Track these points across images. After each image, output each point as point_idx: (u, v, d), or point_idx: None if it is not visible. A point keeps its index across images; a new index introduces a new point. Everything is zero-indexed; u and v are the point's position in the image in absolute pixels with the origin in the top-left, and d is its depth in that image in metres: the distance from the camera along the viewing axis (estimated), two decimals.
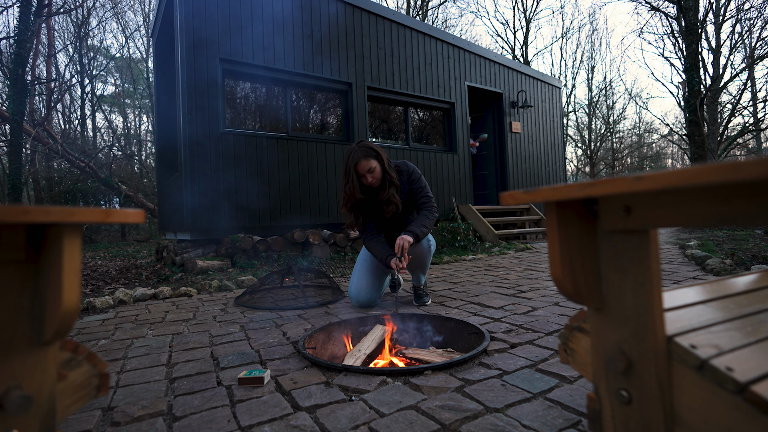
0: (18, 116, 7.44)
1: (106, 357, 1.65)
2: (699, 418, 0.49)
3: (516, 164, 8.29)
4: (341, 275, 3.77)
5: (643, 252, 0.54)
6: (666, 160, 28.08)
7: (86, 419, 1.09)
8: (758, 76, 16.45)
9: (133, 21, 25.33)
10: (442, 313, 2.11)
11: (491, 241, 6.13)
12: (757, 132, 16.60)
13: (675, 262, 3.55)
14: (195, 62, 4.41)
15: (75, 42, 16.04)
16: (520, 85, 8.46)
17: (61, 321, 0.52)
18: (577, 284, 0.60)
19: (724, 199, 0.44)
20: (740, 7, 13.63)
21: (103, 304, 2.72)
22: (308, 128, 5.70)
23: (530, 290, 2.64)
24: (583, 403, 1.05)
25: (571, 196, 0.54)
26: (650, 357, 0.54)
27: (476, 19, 46.72)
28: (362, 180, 2.24)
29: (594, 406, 0.66)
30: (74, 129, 17.25)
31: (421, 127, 7.09)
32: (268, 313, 2.34)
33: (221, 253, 4.46)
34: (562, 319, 1.91)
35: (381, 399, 1.13)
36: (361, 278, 2.38)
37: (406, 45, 6.45)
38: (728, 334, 0.56)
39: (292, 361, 1.49)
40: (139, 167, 17.46)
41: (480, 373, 1.29)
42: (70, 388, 0.61)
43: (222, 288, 3.26)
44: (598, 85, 25.39)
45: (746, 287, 0.79)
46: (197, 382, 1.32)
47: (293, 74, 5.18)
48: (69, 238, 0.52)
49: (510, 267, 3.84)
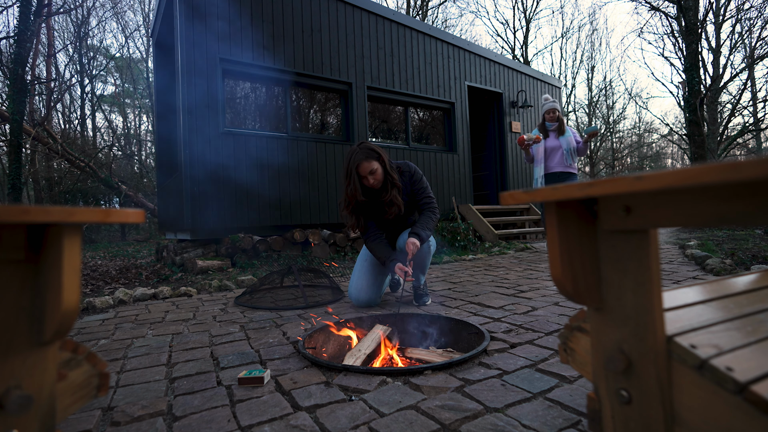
0: (18, 116, 7.44)
1: (106, 357, 1.65)
2: (699, 418, 0.49)
3: (516, 164, 8.29)
4: (341, 275, 3.77)
5: (643, 252, 0.54)
6: (666, 160, 28.09)
7: (86, 419, 1.09)
8: (758, 76, 16.47)
9: (133, 21, 25.34)
10: (442, 313, 2.11)
11: (491, 241, 6.13)
12: (757, 132, 16.60)
13: (675, 262, 3.55)
14: (195, 62, 4.41)
15: (75, 42, 16.05)
16: (520, 84, 8.46)
17: (61, 321, 0.52)
18: (577, 284, 0.60)
19: (724, 199, 0.44)
20: (740, 7, 13.63)
21: (103, 304, 2.72)
22: (308, 128, 5.70)
23: (530, 290, 2.64)
24: (583, 403, 1.05)
25: (571, 196, 0.54)
26: (650, 357, 0.54)
27: (476, 19, 46.75)
28: (364, 182, 2.23)
29: (594, 406, 0.66)
30: (74, 129, 17.25)
31: (421, 127, 7.09)
32: (268, 313, 2.34)
33: (221, 253, 4.46)
34: (562, 319, 1.91)
35: (381, 399, 1.13)
36: (361, 278, 2.38)
37: (406, 45, 6.45)
38: (728, 334, 0.56)
39: (292, 360, 1.49)
40: (139, 167, 17.47)
41: (480, 373, 1.29)
42: (70, 388, 0.61)
43: (222, 288, 3.26)
44: (598, 84, 25.36)
45: (746, 287, 0.79)
46: (197, 382, 1.32)
47: (293, 74, 5.18)
48: (69, 238, 0.52)
49: (510, 267, 3.84)
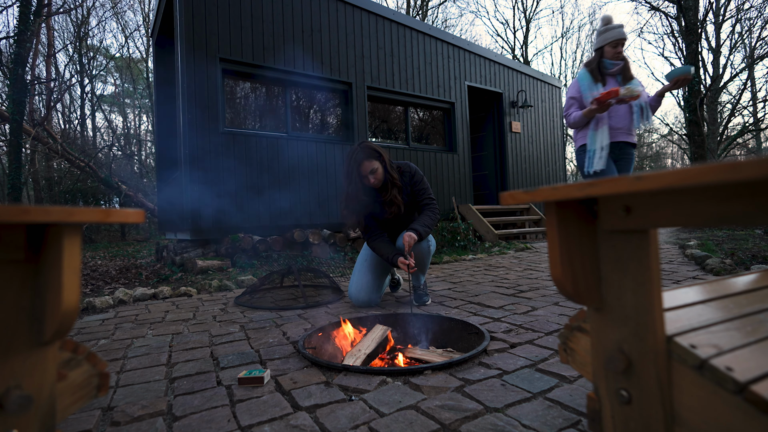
0: (18, 116, 7.44)
1: (105, 357, 1.65)
2: (699, 418, 0.49)
3: (516, 164, 8.29)
4: (341, 275, 3.77)
5: (643, 252, 0.54)
6: (666, 159, 28.08)
7: (86, 419, 1.09)
8: (758, 76, 16.48)
9: (132, 21, 25.37)
10: (442, 312, 2.11)
11: (491, 240, 6.13)
12: (757, 132, 16.59)
13: (675, 261, 3.55)
14: (195, 62, 4.41)
15: (75, 42, 16.05)
16: (520, 84, 8.46)
17: (61, 321, 0.52)
18: (577, 284, 0.60)
19: (724, 199, 0.44)
20: (740, 7, 13.63)
21: (102, 304, 2.72)
22: (308, 128, 5.70)
23: (530, 290, 2.64)
24: (582, 403, 1.05)
25: (571, 196, 0.54)
26: (650, 357, 0.54)
27: (476, 19, 46.76)
28: (365, 181, 2.24)
29: (594, 406, 0.66)
30: (74, 129, 17.26)
31: (421, 126, 7.09)
32: (268, 313, 2.34)
33: (221, 253, 4.46)
34: (561, 318, 1.91)
35: (381, 399, 1.13)
36: (361, 278, 2.38)
37: (406, 45, 6.45)
38: (728, 334, 0.56)
39: (292, 360, 1.49)
40: (139, 167, 17.46)
41: (480, 373, 1.29)
42: (70, 388, 0.61)
43: (222, 288, 3.26)
44: None
45: (746, 287, 0.79)
46: (197, 382, 1.32)
47: (293, 74, 5.18)
48: (69, 238, 0.52)
49: (510, 267, 3.84)
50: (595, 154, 2.60)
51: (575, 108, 2.70)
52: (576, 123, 2.68)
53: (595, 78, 2.66)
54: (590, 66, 2.69)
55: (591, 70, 2.68)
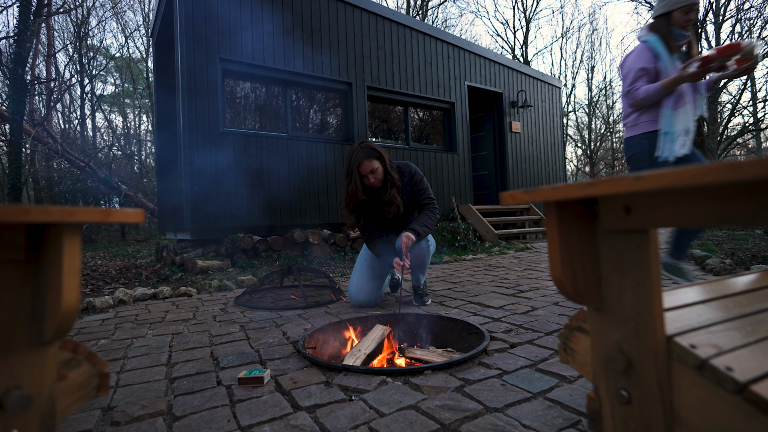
0: (18, 116, 7.44)
1: (105, 357, 1.65)
2: (699, 418, 0.49)
3: (516, 164, 8.29)
4: (341, 275, 3.76)
5: (642, 252, 0.54)
6: None
7: (86, 419, 1.09)
8: (758, 76, 16.42)
9: (132, 21, 25.37)
10: (442, 312, 2.11)
11: (491, 240, 6.13)
12: (757, 132, 16.59)
13: None
14: (195, 62, 4.41)
15: (75, 42, 16.05)
16: (520, 84, 8.46)
17: (61, 321, 0.52)
18: (577, 284, 0.60)
19: (724, 199, 0.44)
20: (740, 7, 13.62)
21: (102, 304, 2.72)
22: (308, 128, 5.70)
23: (530, 290, 2.64)
24: (582, 403, 1.05)
25: (571, 196, 0.54)
26: (650, 357, 0.54)
27: (476, 19, 46.68)
28: (364, 181, 2.24)
29: (594, 406, 0.66)
30: (74, 129, 17.25)
31: (421, 126, 7.09)
32: (268, 313, 2.34)
33: (221, 253, 4.46)
34: (561, 318, 1.91)
35: (381, 399, 1.13)
36: (361, 278, 2.38)
37: (406, 45, 6.45)
38: (728, 334, 0.56)
39: (292, 360, 1.49)
40: (139, 167, 17.46)
41: (480, 373, 1.29)
42: (70, 388, 0.61)
43: (222, 288, 3.26)
44: (598, 84, 25.42)
45: (746, 287, 0.79)
46: (197, 382, 1.32)
47: (293, 74, 5.18)
48: (69, 238, 0.52)
49: (510, 267, 3.83)
50: (678, 137, 2.11)
51: (644, 81, 2.18)
52: (649, 98, 2.14)
53: (671, 47, 2.14)
54: (661, 32, 2.17)
55: (663, 35, 2.16)
